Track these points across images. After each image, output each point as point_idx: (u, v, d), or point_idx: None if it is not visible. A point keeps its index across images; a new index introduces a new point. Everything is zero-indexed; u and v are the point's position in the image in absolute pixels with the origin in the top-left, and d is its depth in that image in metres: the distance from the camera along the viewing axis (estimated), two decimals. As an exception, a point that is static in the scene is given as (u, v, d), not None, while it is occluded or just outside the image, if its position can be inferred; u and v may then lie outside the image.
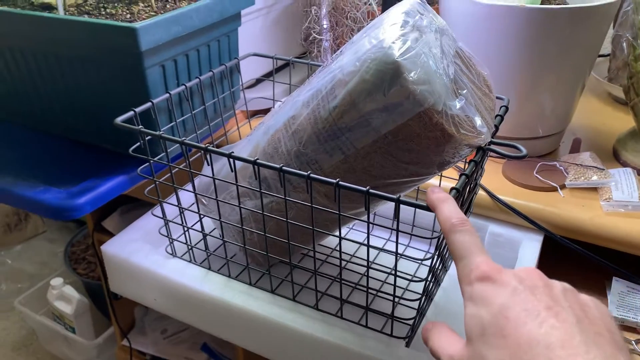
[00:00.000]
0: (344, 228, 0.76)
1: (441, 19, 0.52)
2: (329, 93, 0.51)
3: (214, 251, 0.66)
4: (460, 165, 0.77)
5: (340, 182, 0.48)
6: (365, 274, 0.56)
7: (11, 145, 0.77)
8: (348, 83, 0.49)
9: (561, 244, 0.69)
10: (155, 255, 0.65)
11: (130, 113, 0.59)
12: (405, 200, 0.46)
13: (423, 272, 0.67)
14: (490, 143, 0.53)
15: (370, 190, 0.47)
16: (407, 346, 0.55)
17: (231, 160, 0.52)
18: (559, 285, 0.36)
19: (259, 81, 0.91)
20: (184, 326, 1.30)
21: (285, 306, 0.59)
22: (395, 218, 0.48)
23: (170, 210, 0.64)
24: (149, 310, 1.32)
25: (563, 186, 0.73)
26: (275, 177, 0.56)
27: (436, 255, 0.52)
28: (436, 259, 0.53)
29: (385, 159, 0.50)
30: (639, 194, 0.68)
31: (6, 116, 0.81)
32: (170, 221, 0.63)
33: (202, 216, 0.62)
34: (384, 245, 0.73)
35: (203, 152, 0.53)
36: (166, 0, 0.72)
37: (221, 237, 0.62)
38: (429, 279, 0.54)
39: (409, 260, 0.61)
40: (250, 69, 0.83)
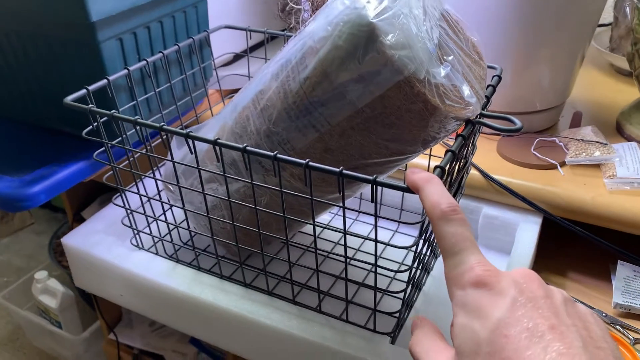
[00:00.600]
0: (328, 214, 0.71)
1: (424, -24, 0.46)
2: (299, 63, 0.46)
3: (185, 243, 0.61)
4: (450, 142, 0.71)
5: (310, 163, 0.42)
6: (347, 263, 0.51)
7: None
8: (319, 51, 0.44)
9: (562, 226, 0.64)
10: (119, 248, 0.60)
11: (83, 91, 0.53)
12: (383, 182, 0.41)
13: (411, 259, 0.62)
14: (481, 115, 0.47)
15: (344, 172, 0.42)
16: (393, 343, 0.50)
17: (190, 140, 0.47)
18: (559, 295, 0.31)
19: (236, 58, 0.86)
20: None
21: (259, 301, 0.54)
22: (373, 201, 0.42)
23: (137, 199, 0.59)
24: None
25: (563, 163, 0.67)
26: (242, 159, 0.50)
27: (421, 240, 0.47)
28: (422, 244, 0.48)
29: (363, 136, 0.45)
30: (645, 170, 0.63)
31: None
32: (134, 211, 0.58)
33: (168, 207, 0.57)
34: (369, 232, 0.68)
35: (160, 133, 0.48)
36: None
37: (189, 228, 0.57)
38: (415, 267, 0.49)
39: (395, 248, 0.56)
40: (225, 44, 0.77)
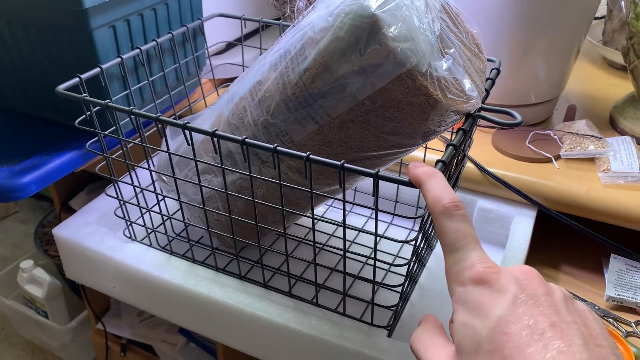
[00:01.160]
0: (322, 206, 0.71)
1: (425, -33, 0.46)
2: (298, 54, 0.45)
3: (178, 234, 0.60)
4: (446, 135, 0.71)
5: (311, 156, 0.42)
6: (345, 256, 0.50)
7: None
8: (319, 42, 0.43)
9: (556, 219, 0.64)
10: (111, 239, 0.59)
11: (75, 80, 0.52)
12: (385, 176, 0.40)
13: (407, 252, 0.62)
14: (481, 109, 0.47)
15: (346, 165, 0.41)
16: (389, 336, 0.50)
17: (187, 132, 0.46)
18: (559, 291, 0.31)
19: (229, 47, 0.84)
20: (161, 308, 1.25)
21: (255, 293, 0.54)
22: (374, 195, 0.42)
23: (130, 190, 0.58)
24: (123, 293, 1.27)
25: (558, 157, 0.68)
26: (240, 152, 0.50)
27: (420, 235, 0.46)
28: (420, 239, 0.47)
29: (363, 129, 0.45)
30: (639, 164, 0.63)
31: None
32: (127, 202, 0.57)
33: (162, 197, 0.56)
34: (364, 224, 0.67)
35: (155, 123, 0.47)
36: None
37: (183, 219, 0.56)
38: (413, 261, 0.48)
39: (391, 240, 0.56)
40: (218, 33, 0.76)
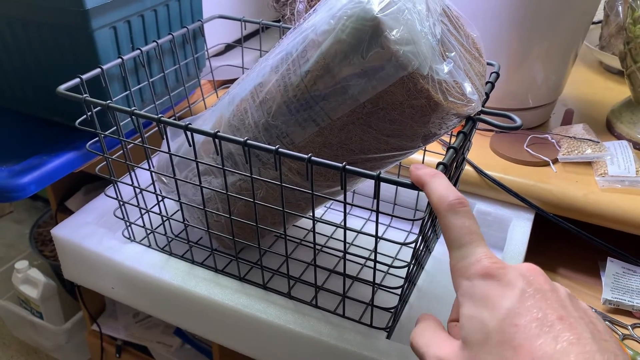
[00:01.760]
0: (321, 207, 0.71)
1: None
2: (300, 56, 0.45)
3: (177, 235, 0.60)
4: (445, 138, 0.71)
5: (312, 158, 0.42)
6: (342, 256, 0.50)
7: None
8: (321, 44, 0.43)
9: (553, 222, 0.64)
10: (110, 240, 0.59)
11: (76, 80, 0.52)
12: (387, 178, 0.40)
13: (405, 254, 0.63)
14: (481, 112, 0.47)
15: (347, 167, 0.41)
16: (389, 338, 0.50)
17: (189, 133, 0.46)
18: (563, 290, 0.32)
19: (229, 48, 0.84)
20: (157, 310, 1.25)
21: (254, 295, 0.54)
22: (375, 197, 0.42)
23: (129, 190, 0.58)
24: (119, 294, 1.26)
25: (555, 160, 0.68)
26: (241, 153, 0.50)
27: (420, 238, 0.47)
28: (420, 241, 0.48)
29: (364, 131, 0.45)
30: (636, 168, 0.64)
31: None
32: (126, 203, 0.57)
33: (162, 198, 0.56)
34: (363, 226, 0.68)
35: (157, 124, 0.47)
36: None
37: (183, 220, 0.56)
38: (412, 264, 0.49)
39: (390, 242, 0.56)
40: (218, 35, 0.76)
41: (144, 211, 0.57)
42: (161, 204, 0.58)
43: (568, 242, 0.71)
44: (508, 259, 0.59)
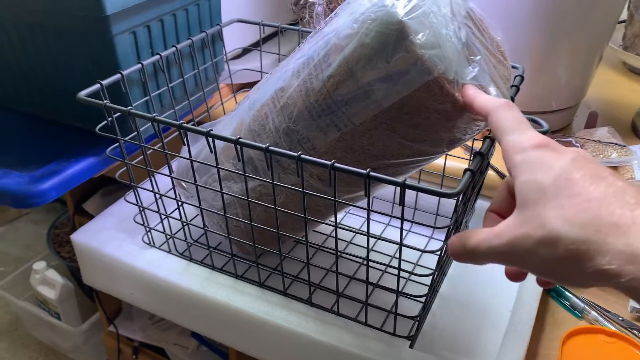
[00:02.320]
0: (340, 212, 0.70)
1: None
2: (322, 60, 0.44)
3: (195, 240, 0.59)
4: (468, 142, 0.70)
5: (336, 164, 0.41)
6: (364, 263, 0.50)
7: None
8: (344, 48, 0.42)
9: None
10: (130, 245, 0.59)
11: (96, 86, 0.52)
12: (413, 185, 0.40)
13: (426, 259, 0.62)
14: (507, 117, 0.46)
15: (372, 174, 0.40)
16: (411, 347, 0.50)
17: (210, 139, 0.46)
18: None
19: (246, 51, 0.84)
20: (173, 312, 1.25)
21: (274, 302, 0.53)
22: (399, 204, 0.41)
23: (148, 196, 0.58)
24: (136, 296, 1.27)
25: (580, 165, 0.66)
26: (262, 159, 0.49)
27: (445, 246, 0.46)
28: (445, 250, 0.47)
29: (387, 137, 0.44)
30: (664, 172, 0.62)
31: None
32: (146, 208, 0.57)
33: (181, 203, 0.56)
34: (383, 231, 0.67)
35: (178, 130, 0.46)
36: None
37: (203, 226, 0.55)
38: (436, 272, 0.48)
39: (414, 249, 0.55)
40: (235, 38, 0.75)
41: (163, 216, 0.57)
42: (180, 209, 0.58)
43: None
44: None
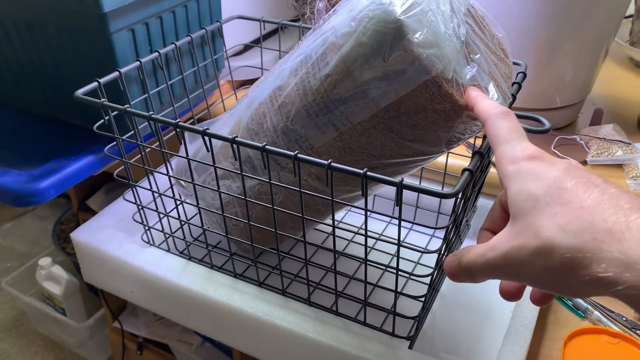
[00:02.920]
0: (342, 210, 0.70)
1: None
2: (319, 59, 0.44)
3: (195, 239, 0.59)
4: (470, 140, 0.69)
5: (333, 164, 0.41)
6: (363, 262, 0.49)
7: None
8: (342, 47, 0.42)
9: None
10: (129, 244, 0.59)
11: (94, 84, 0.51)
12: (410, 185, 0.39)
13: (427, 258, 0.61)
14: (508, 116, 0.45)
15: (368, 173, 0.40)
16: (411, 347, 0.49)
17: (207, 138, 0.45)
18: None
19: (247, 48, 0.84)
20: (177, 308, 1.25)
21: (273, 301, 0.53)
22: (397, 204, 0.41)
23: (147, 194, 0.58)
24: (140, 292, 1.27)
25: (584, 163, 0.66)
26: (260, 157, 0.49)
27: (444, 245, 0.45)
28: (444, 249, 0.46)
29: (385, 136, 0.43)
30: (669, 171, 0.61)
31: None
32: (145, 207, 0.56)
33: (180, 202, 0.56)
34: (384, 230, 0.66)
35: (175, 129, 0.46)
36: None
37: (201, 225, 0.55)
38: (436, 272, 0.47)
39: (412, 249, 0.55)
40: (235, 35, 0.75)
41: (162, 215, 0.57)
42: (179, 207, 0.57)
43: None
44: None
